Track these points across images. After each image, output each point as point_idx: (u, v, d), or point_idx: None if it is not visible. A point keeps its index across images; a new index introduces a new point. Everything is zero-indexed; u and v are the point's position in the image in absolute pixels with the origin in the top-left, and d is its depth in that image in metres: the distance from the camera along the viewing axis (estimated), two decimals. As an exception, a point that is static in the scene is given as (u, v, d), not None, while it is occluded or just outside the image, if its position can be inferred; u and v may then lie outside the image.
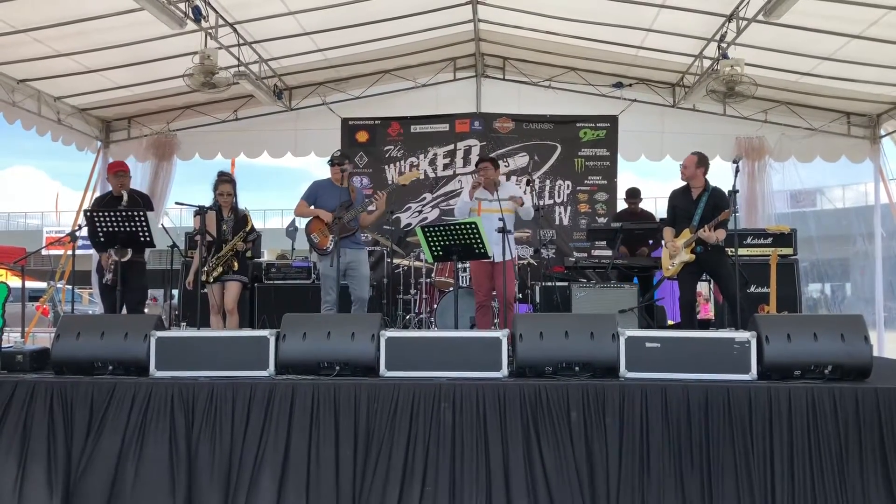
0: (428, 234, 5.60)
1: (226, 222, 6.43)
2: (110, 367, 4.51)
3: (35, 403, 4.30)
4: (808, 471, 3.92)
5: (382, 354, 4.41)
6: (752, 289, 7.47)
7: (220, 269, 6.32)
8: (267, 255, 16.04)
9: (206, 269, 6.26)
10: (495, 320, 6.90)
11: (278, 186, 66.04)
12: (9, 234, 33.76)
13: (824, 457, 3.94)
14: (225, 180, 6.53)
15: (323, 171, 6.87)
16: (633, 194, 9.20)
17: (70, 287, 8.61)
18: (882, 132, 9.73)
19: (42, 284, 14.68)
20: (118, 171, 6.62)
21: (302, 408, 4.17)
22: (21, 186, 62.44)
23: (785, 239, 7.75)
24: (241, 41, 8.29)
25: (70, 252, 9.05)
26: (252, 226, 6.58)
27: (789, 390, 4.04)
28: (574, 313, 6.88)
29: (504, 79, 10.32)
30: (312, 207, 6.63)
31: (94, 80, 8.83)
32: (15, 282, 10.08)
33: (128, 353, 4.53)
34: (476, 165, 7.13)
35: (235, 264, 6.42)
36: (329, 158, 6.75)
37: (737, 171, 5.66)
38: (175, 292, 8.55)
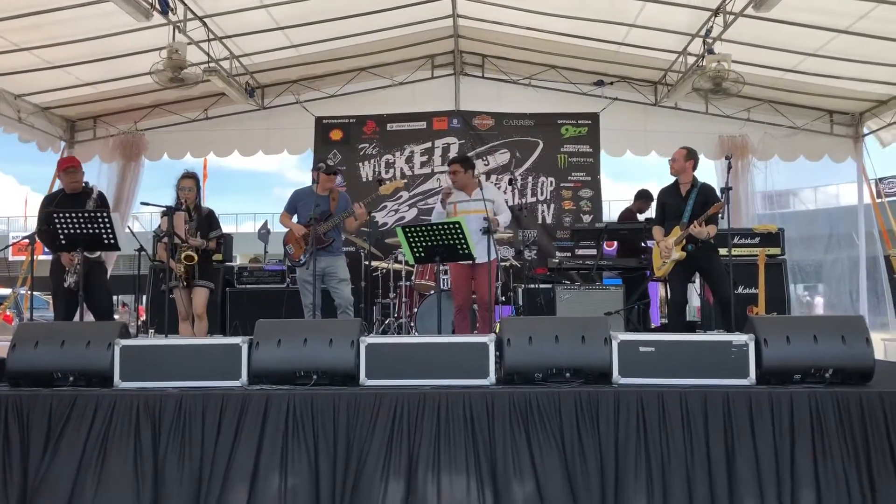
0: (409, 235, 5.35)
1: (188, 222, 6.11)
2: (71, 378, 4.23)
3: (-12, 417, 4.00)
4: (812, 478, 3.73)
5: (362, 362, 4.17)
6: (740, 290, 7.31)
7: (184, 273, 6.03)
8: (239, 260, 15.69)
9: (175, 273, 5.99)
10: (477, 325, 6.69)
11: (251, 190, 65.38)
12: (-28, 239, 33.01)
13: (828, 464, 3.76)
14: (187, 175, 6.28)
15: (296, 173, 6.65)
16: (645, 197, 8.94)
17: (30, 293, 8.26)
18: (865, 130, 9.67)
19: (6, 291, 14.23)
20: (68, 168, 6.22)
21: (276, 419, 3.93)
22: (-13, 192, 61.13)
23: (772, 238, 7.63)
24: (212, 36, 8.01)
25: (35, 256, 8.74)
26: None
27: (791, 395, 3.86)
28: (564, 316, 6.69)
29: (483, 77, 10.15)
30: (295, 218, 6.55)
31: (57, 76, 8.48)
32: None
33: (90, 364, 4.24)
34: (448, 166, 6.84)
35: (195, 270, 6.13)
36: (317, 166, 6.52)
37: (729, 167, 5.51)
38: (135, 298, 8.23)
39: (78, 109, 9.72)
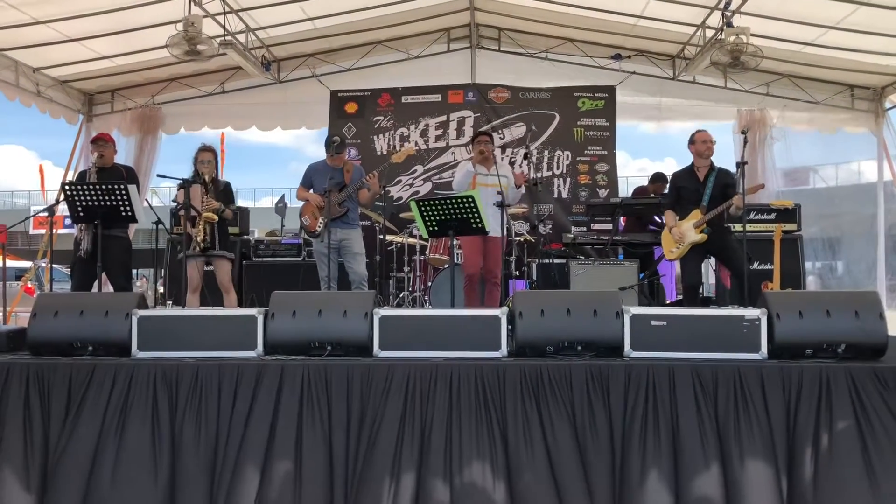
0: (423, 209, 5.37)
1: (206, 194, 6.15)
2: (90, 348, 4.29)
3: (10, 385, 4.08)
4: (828, 454, 3.71)
5: (376, 334, 4.20)
6: (756, 266, 7.28)
7: (202, 237, 6.08)
8: (257, 234, 15.79)
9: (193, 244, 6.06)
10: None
11: (268, 165, 65.45)
12: (-5, 212, 33.30)
13: (844, 440, 3.73)
14: (205, 149, 6.34)
15: (313, 148, 6.71)
16: (661, 179, 8.93)
17: (50, 265, 8.36)
18: (887, 105, 9.50)
19: (28, 264, 14.44)
20: (97, 140, 6.32)
21: (291, 389, 3.97)
22: (9, 166, 61.48)
23: (789, 214, 7.58)
24: (227, 9, 7.98)
25: (54, 230, 8.84)
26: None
27: (801, 370, 3.84)
28: (576, 290, 6.69)
29: (500, 50, 10.05)
30: (311, 191, 6.61)
31: (75, 50, 8.48)
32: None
33: (108, 333, 4.31)
34: (474, 139, 6.90)
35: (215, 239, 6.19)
36: (327, 144, 6.58)
37: (745, 142, 5.48)
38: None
39: (96, 83, 9.75)
